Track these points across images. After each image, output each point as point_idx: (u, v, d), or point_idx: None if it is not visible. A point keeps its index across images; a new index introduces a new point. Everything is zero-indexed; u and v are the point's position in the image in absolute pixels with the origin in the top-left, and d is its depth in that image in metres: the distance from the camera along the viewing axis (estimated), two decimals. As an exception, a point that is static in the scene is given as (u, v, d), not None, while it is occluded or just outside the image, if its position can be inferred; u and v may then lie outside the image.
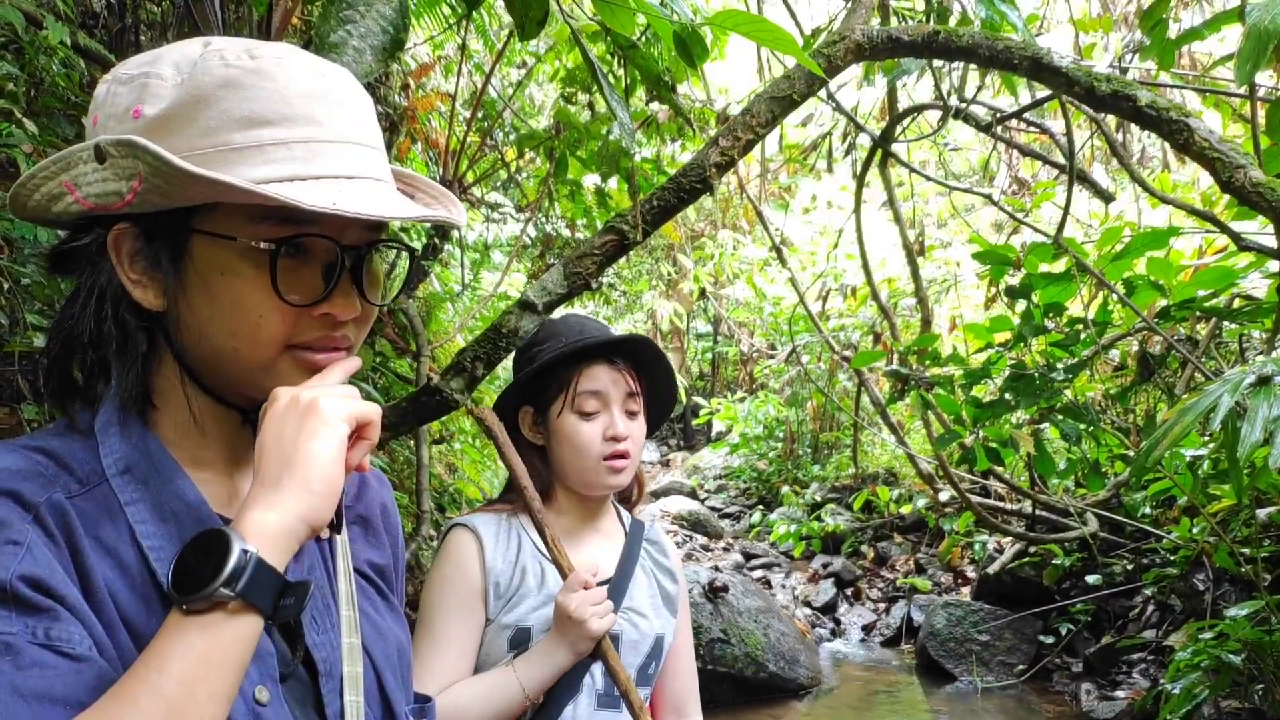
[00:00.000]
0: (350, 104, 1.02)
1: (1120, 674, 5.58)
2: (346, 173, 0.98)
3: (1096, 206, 7.42)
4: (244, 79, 0.96)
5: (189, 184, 0.91)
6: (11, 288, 2.92)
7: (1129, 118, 2.73)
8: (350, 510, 1.25)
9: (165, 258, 0.99)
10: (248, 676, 0.95)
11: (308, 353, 1.01)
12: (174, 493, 1.00)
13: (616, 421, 1.93)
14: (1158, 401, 6.00)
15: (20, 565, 0.85)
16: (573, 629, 1.75)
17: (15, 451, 0.96)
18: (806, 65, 1.84)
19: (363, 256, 1.02)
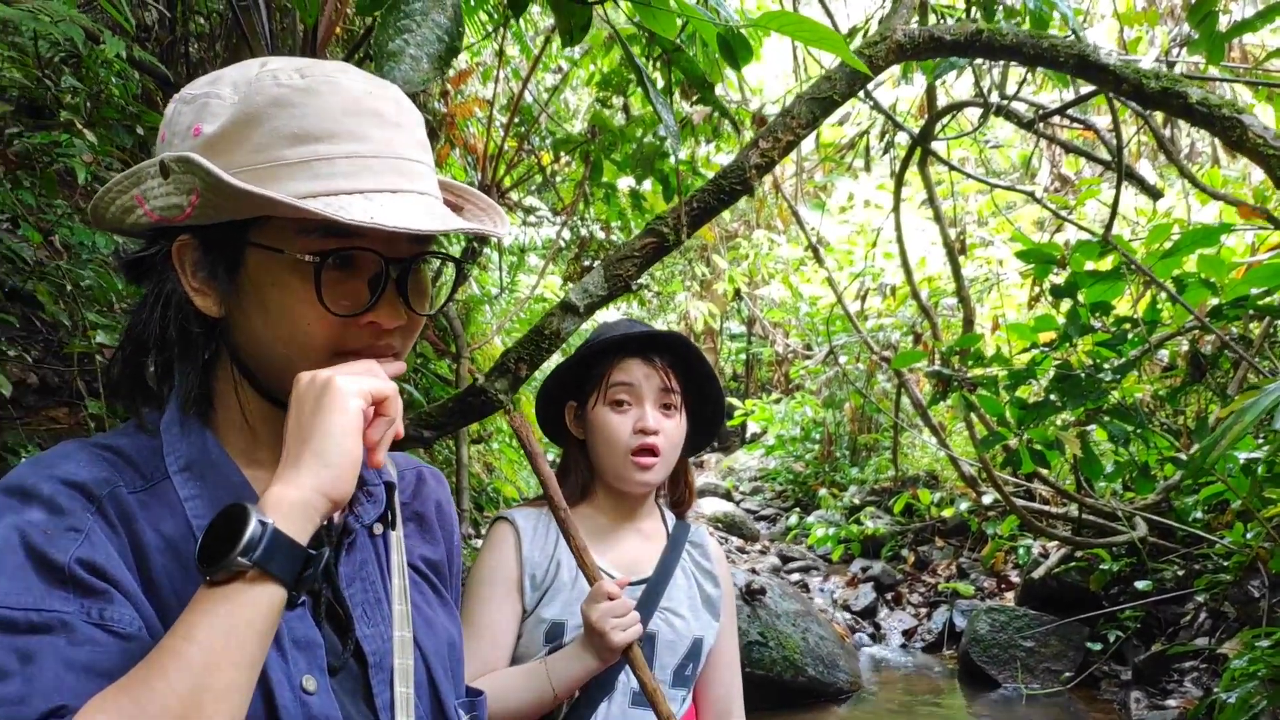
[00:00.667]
0: (398, 120, 1.05)
1: (1171, 682, 5.47)
2: (391, 187, 1.01)
3: (1143, 203, 7.31)
4: (294, 97, 1.00)
5: (238, 199, 0.95)
6: (72, 290, 2.98)
7: (1179, 115, 2.69)
8: (406, 507, 1.30)
9: (222, 268, 1.04)
10: (294, 665, 1.01)
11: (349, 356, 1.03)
12: (229, 488, 1.05)
13: (648, 415, 1.94)
14: (1209, 403, 5.89)
15: (79, 550, 0.91)
16: (596, 639, 1.75)
17: (85, 449, 1.03)
18: (853, 64, 1.81)
19: (408, 268, 1.04)
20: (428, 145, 1.10)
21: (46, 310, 3.12)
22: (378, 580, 1.16)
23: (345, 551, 1.13)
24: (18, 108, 3.68)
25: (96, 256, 3.21)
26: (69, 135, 3.10)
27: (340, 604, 1.10)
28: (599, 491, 2.02)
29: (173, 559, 0.99)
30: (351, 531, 1.14)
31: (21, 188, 3.13)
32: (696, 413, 2.07)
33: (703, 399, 2.08)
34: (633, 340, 1.97)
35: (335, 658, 1.07)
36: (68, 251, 3.18)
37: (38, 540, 0.91)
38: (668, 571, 2.00)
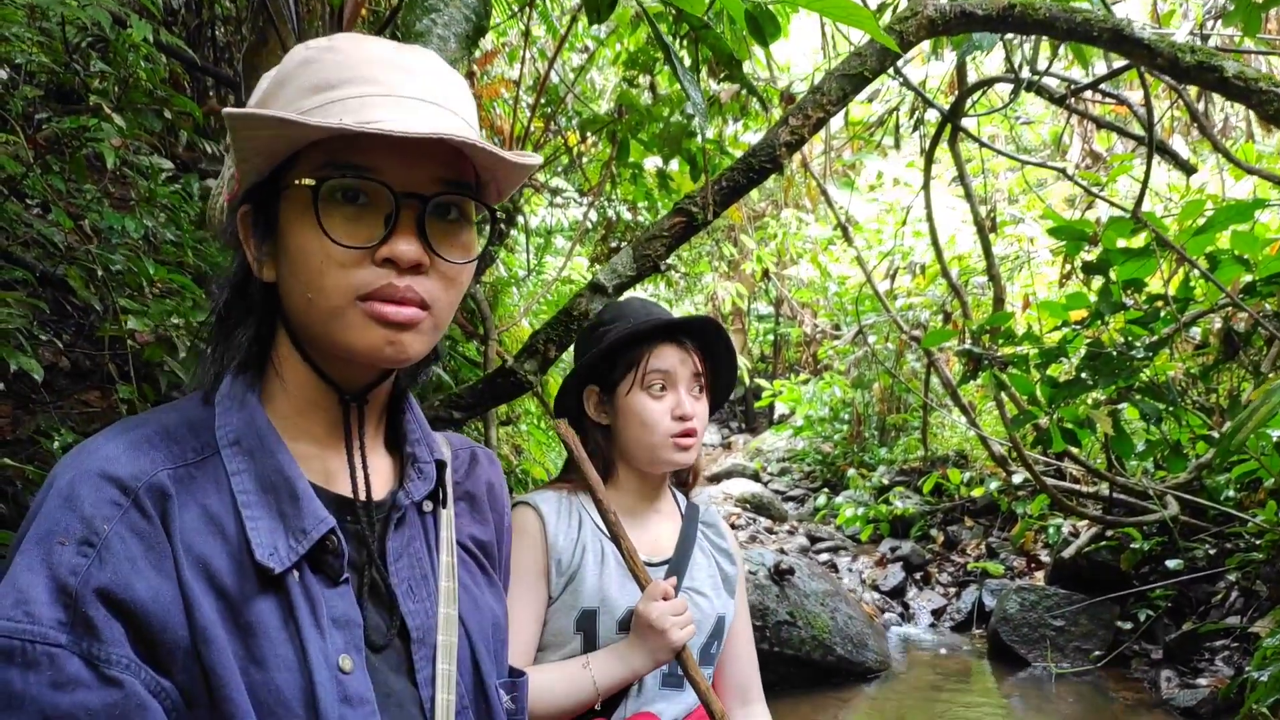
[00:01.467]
0: (419, 71, 1.05)
1: (1202, 661, 5.44)
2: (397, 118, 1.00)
3: (1176, 179, 7.22)
4: (318, 55, 1.04)
5: (242, 132, 0.99)
6: (103, 275, 3.00)
7: (1215, 89, 2.65)
8: (458, 486, 1.30)
9: (267, 227, 1.07)
10: (332, 644, 1.01)
11: (376, 303, 1.01)
12: (275, 466, 1.05)
13: (684, 400, 1.95)
14: (1242, 381, 5.83)
15: (89, 571, 0.91)
16: (654, 638, 1.74)
17: (140, 426, 1.04)
18: (882, 40, 1.80)
19: (426, 204, 1.02)
20: (459, 98, 1.08)
21: (78, 294, 3.14)
22: (425, 557, 1.16)
23: (394, 528, 1.13)
24: (46, 93, 3.71)
25: (126, 241, 3.23)
26: (97, 119, 3.11)
27: (385, 581, 1.11)
28: (621, 473, 2.03)
29: (214, 534, 1.00)
30: (401, 508, 1.14)
31: (51, 173, 3.16)
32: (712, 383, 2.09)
33: (716, 374, 2.09)
34: (668, 327, 1.98)
35: (379, 634, 1.08)
36: (97, 236, 3.20)
37: (56, 557, 0.91)
38: (687, 551, 2.02)
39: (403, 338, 1.03)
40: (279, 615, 0.99)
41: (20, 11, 2.99)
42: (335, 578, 1.05)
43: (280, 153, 1.02)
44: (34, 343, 2.95)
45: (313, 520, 1.03)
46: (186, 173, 3.97)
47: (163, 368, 3.16)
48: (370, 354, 1.03)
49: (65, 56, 3.18)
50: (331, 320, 1.02)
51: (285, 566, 1.00)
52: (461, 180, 1.06)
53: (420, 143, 0.99)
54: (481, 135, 1.05)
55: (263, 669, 0.97)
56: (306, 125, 0.96)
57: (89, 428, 3.24)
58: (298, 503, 1.03)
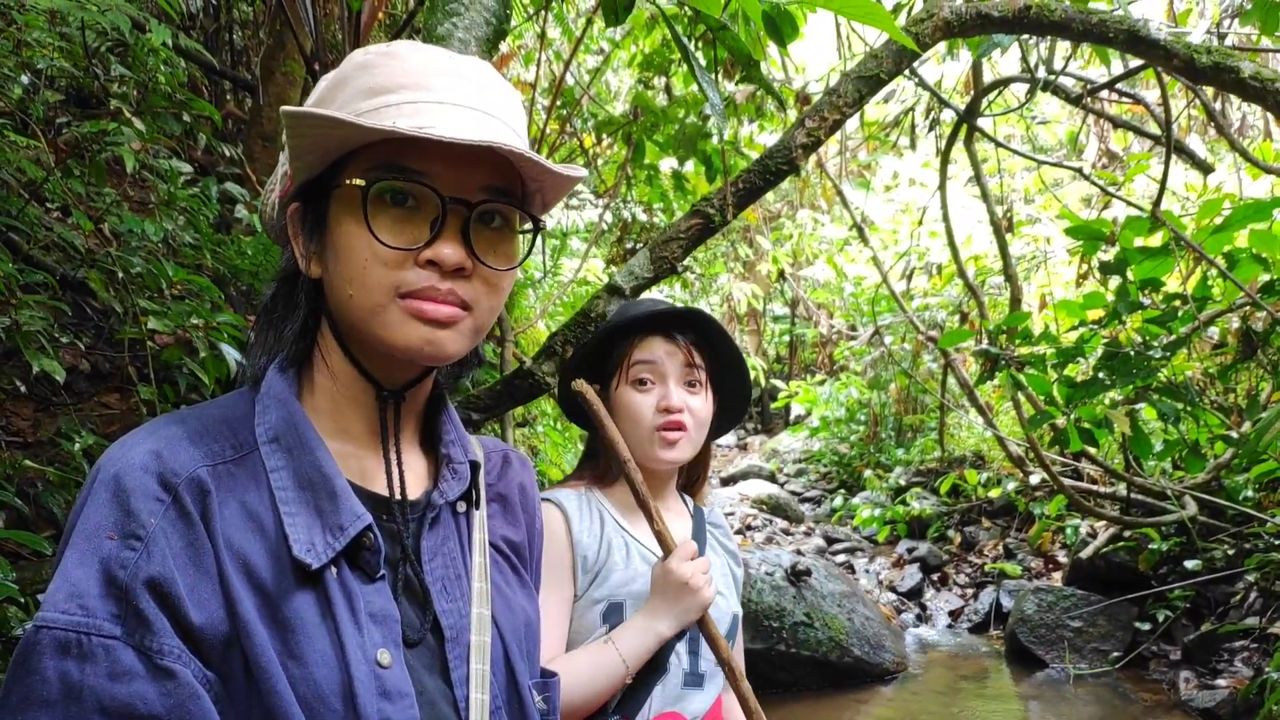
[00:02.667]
0: (474, 80, 1.07)
1: (1221, 662, 5.41)
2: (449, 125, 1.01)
3: (1193, 178, 7.18)
4: (375, 60, 1.06)
5: (297, 130, 1.01)
6: (123, 277, 3.02)
7: (1231, 90, 2.64)
8: (491, 488, 1.31)
9: (316, 224, 1.09)
10: (370, 639, 1.02)
11: (416, 301, 1.03)
12: (313, 463, 1.06)
13: (671, 393, 1.90)
14: (1260, 380, 5.80)
15: (139, 564, 0.92)
16: (688, 596, 1.73)
17: (181, 422, 1.05)
18: (900, 40, 1.81)
19: (472, 210, 1.04)
20: (511, 108, 1.10)
21: (98, 297, 3.17)
22: (459, 557, 1.17)
23: (428, 527, 1.15)
24: (66, 97, 3.74)
25: (146, 244, 3.25)
26: (117, 124, 3.14)
27: (420, 579, 1.12)
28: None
29: (253, 531, 1.01)
30: (435, 508, 1.15)
31: (72, 176, 3.18)
32: (724, 393, 2.04)
33: (727, 378, 2.04)
34: (654, 318, 1.94)
35: (413, 631, 1.09)
36: (117, 239, 3.22)
37: (106, 550, 0.92)
38: (701, 547, 1.98)
39: (441, 335, 1.04)
40: (317, 611, 1.00)
41: (41, 17, 3.01)
42: (372, 574, 1.06)
43: (332, 152, 1.04)
44: (55, 345, 2.97)
45: (350, 517, 1.04)
46: (205, 176, 4.00)
47: (182, 369, 3.18)
48: (408, 350, 1.04)
49: (85, 61, 3.20)
50: (372, 316, 1.04)
51: (323, 562, 1.01)
52: (508, 189, 1.08)
53: (469, 150, 1.01)
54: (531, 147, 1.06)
55: (301, 664, 0.97)
56: (360, 126, 0.98)
57: (109, 430, 3.26)
58: (335, 500, 1.04)
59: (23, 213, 3.12)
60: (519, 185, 1.11)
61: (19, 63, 3.09)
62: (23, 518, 2.78)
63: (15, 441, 3.07)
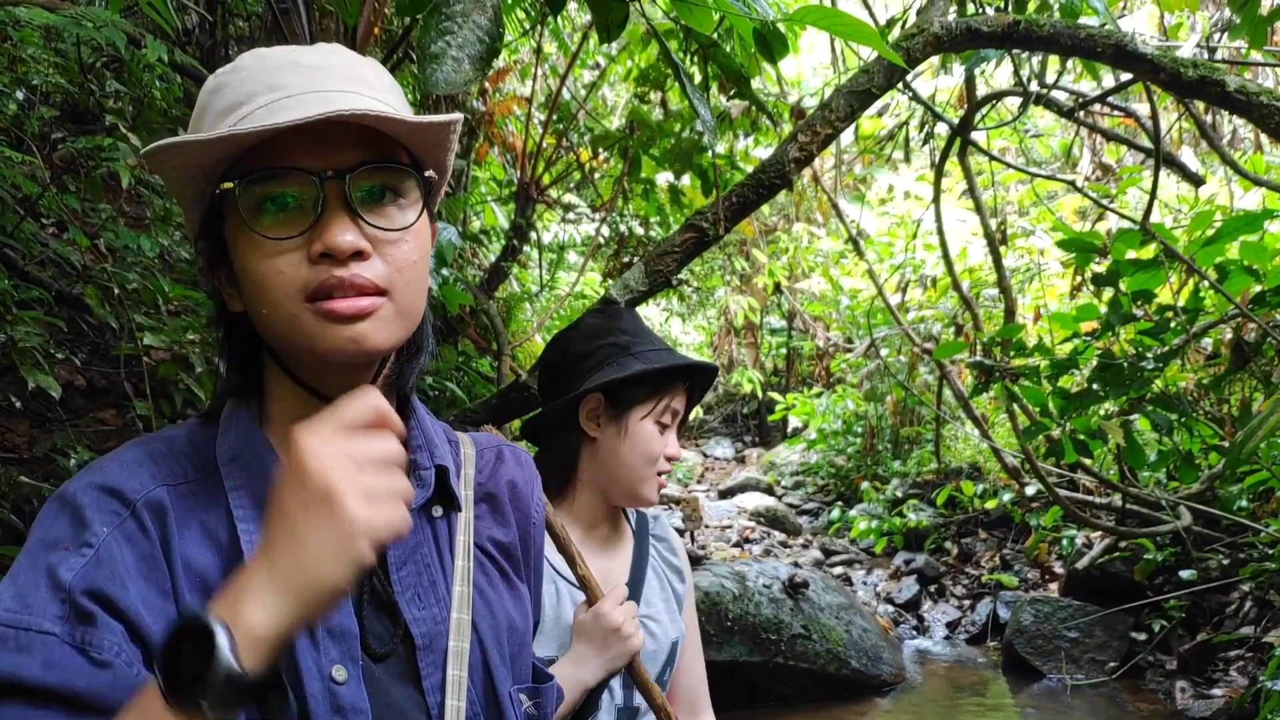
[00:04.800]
0: (325, 65, 1.03)
1: (1217, 672, 5.42)
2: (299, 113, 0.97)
3: (1185, 190, 7.22)
4: (225, 79, 1.04)
5: (159, 171, 1.02)
6: (119, 294, 3.02)
7: (1217, 103, 2.67)
8: (480, 488, 1.27)
9: (221, 259, 1.07)
10: (326, 654, 1.00)
11: (325, 302, 0.98)
12: (268, 480, 1.03)
13: (675, 442, 1.96)
14: (1253, 391, 5.82)
15: (84, 570, 0.92)
16: (616, 643, 1.71)
17: (145, 444, 1.06)
18: (889, 58, 1.83)
19: (346, 176, 0.99)
20: (369, 81, 1.06)
21: (94, 313, 3.17)
22: (434, 563, 1.15)
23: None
24: (61, 113, 3.75)
25: (141, 260, 3.26)
26: (113, 139, 3.14)
27: (386, 589, 1.10)
28: (583, 494, 1.97)
29: (212, 549, 1.01)
30: None
31: (68, 192, 3.19)
32: None
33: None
34: (690, 369, 1.96)
35: (380, 644, 1.07)
36: (112, 255, 3.23)
37: (55, 557, 0.93)
38: (641, 576, 1.97)
39: (362, 329, 1.00)
40: None
41: (36, 33, 3.03)
42: None
43: (200, 179, 1.02)
44: (51, 361, 2.98)
45: None
46: (201, 191, 4.00)
47: (177, 385, 3.19)
48: (334, 353, 1.00)
49: (80, 77, 3.21)
50: (289, 329, 1.01)
51: None
52: (387, 160, 1.03)
53: (331, 132, 0.98)
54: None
55: None
56: (201, 140, 0.96)
57: (104, 445, 3.27)
58: None
59: (18, 229, 3.13)
60: (403, 155, 1.06)
61: (14, 78, 3.10)
62: (18, 534, 2.78)
63: (10, 457, 3.08)
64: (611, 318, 2.04)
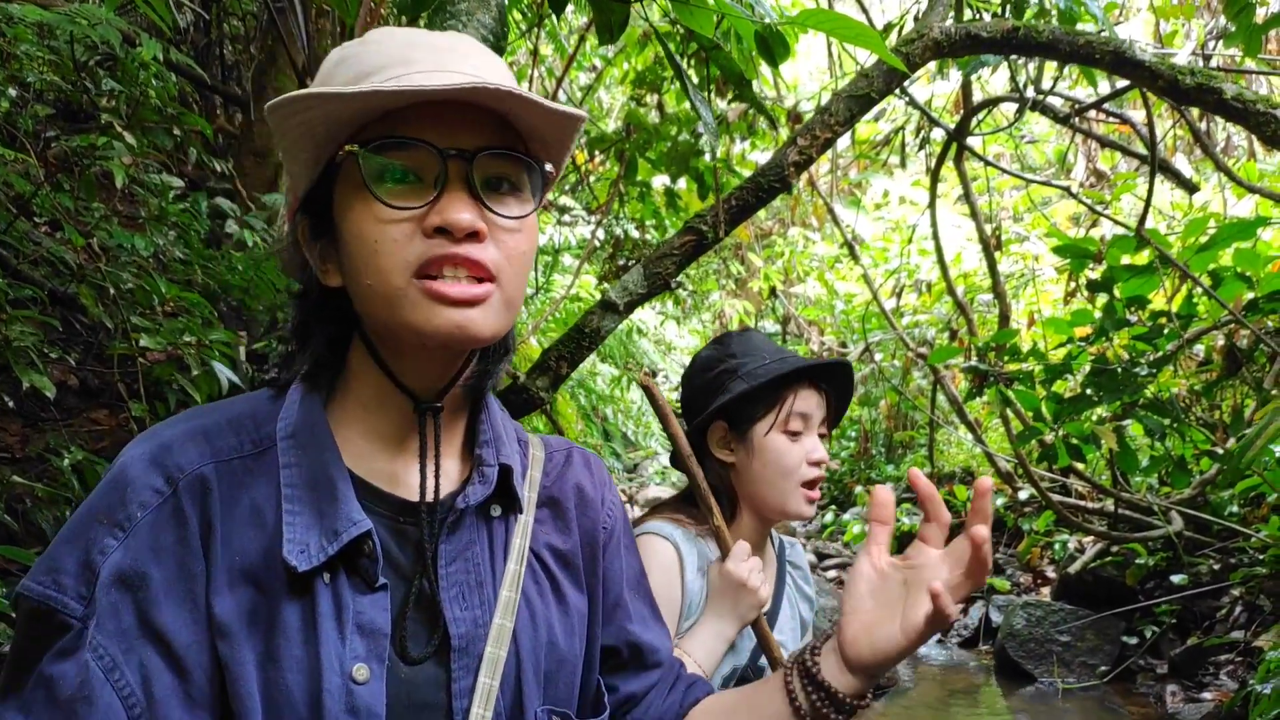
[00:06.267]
0: (457, 49, 1.04)
1: (1207, 676, 5.44)
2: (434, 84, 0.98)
3: (1179, 197, 7.24)
4: (353, 50, 1.04)
5: (282, 124, 0.99)
6: (114, 293, 3.00)
7: (1214, 111, 2.67)
8: (544, 491, 1.24)
9: (325, 231, 1.06)
10: (351, 651, 0.99)
11: (433, 282, 0.97)
12: (322, 464, 1.05)
13: (817, 445, 1.90)
14: (1245, 397, 5.84)
15: (115, 555, 0.95)
16: (746, 596, 1.73)
17: (205, 415, 1.07)
18: (890, 62, 1.83)
19: (472, 158, 0.99)
20: (495, 72, 1.05)
21: (88, 313, 3.15)
22: (484, 564, 1.12)
23: (448, 532, 1.10)
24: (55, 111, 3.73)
25: (136, 259, 3.24)
26: (107, 138, 3.13)
27: (433, 587, 1.08)
28: (744, 517, 1.95)
29: (256, 526, 1.01)
30: (456, 511, 1.10)
31: (61, 191, 3.17)
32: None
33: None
34: (812, 369, 1.92)
35: (418, 645, 1.05)
36: (106, 254, 3.21)
37: (93, 533, 0.96)
38: (778, 602, 1.98)
39: (470, 315, 0.99)
40: (300, 615, 0.99)
41: (30, 30, 3.01)
42: (371, 583, 1.03)
43: (324, 143, 1.01)
44: (44, 361, 2.96)
45: (345, 523, 1.02)
46: (195, 190, 4.00)
47: (172, 385, 3.18)
48: (438, 336, 0.99)
49: (75, 75, 3.20)
50: (394, 305, 0.99)
51: (312, 566, 0.99)
52: (509, 147, 1.03)
53: (460, 112, 0.98)
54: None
55: (276, 666, 0.97)
56: (340, 94, 0.95)
57: (98, 446, 3.25)
58: (335, 504, 1.02)
59: (11, 227, 3.11)
60: (522, 144, 1.05)
61: (7, 76, 3.08)
62: (11, 534, 2.77)
63: (4, 457, 3.06)
64: (722, 344, 2.04)
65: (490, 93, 0.95)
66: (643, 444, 12.15)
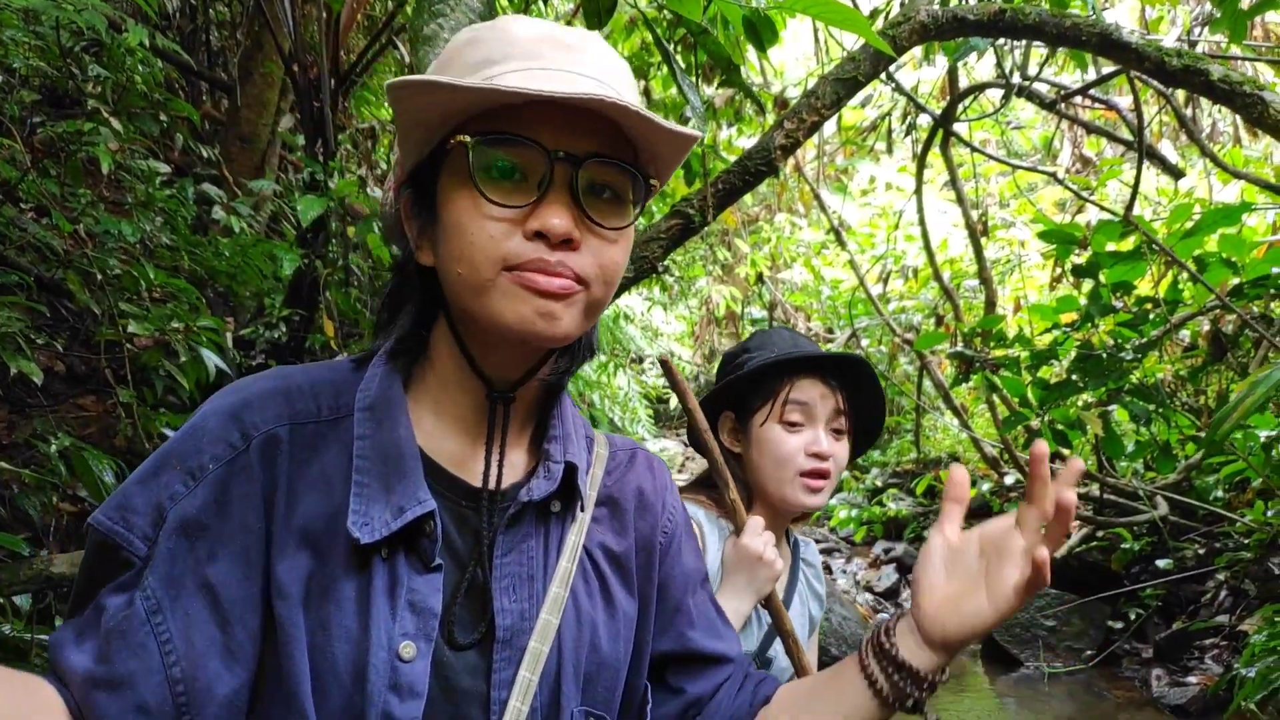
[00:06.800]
0: (582, 48, 1.03)
1: (1192, 659, 5.48)
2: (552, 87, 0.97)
3: (1165, 183, 7.27)
4: (483, 33, 1.04)
5: (400, 103, 0.99)
6: (102, 280, 2.99)
7: (1201, 92, 2.69)
8: (604, 489, 1.24)
9: (425, 210, 1.07)
10: (400, 627, 1.00)
11: (525, 273, 0.98)
12: (395, 439, 1.06)
13: (820, 438, 1.87)
14: (1230, 382, 5.88)
15: (184, 503, 0.99)
16: (762, 570, 1.73)
17: (288, 377, 1.09)
18: (877, 45, 1.83)
19: (579, 163, 0.99)
20: (619, 77, 1.05)
21: (75, 299, 3.15)
22: (538, 557, 1.12)
23: (507, 523, 1.10)
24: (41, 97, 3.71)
25: (122, 245, 3.23)
26: (94, 124, 3.12)
27: (486, 576, 1.08)
28: (756, 509, 1.93)
29: (323, 492, 1.03)
30: (518, 504, 1.11)
31: (48, 177, 3.16)
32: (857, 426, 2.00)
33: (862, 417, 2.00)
34: (815, 360, 1.91)
35: (465, 633, 1.06)
36: (92, 240, 3.20)
37: (165, 478, 1.00)
38: (789, 598, 1.98)
39: (555, 308, 0.99)
40: (355, 586, 1.00)
41: (15, 16, 2.99)
42: (427, 562, 1.04)
43: (436, 124, 1.01)
44: (31, 346, 2.95)
45: (412, 500, 1.03)
46: (182, 176, 3.98)
47: (159, 371, 3.17)
48: (520, 325, 0.99)
49: (60, 61, 3.18)
50: (482, 293, 1.00)
51: (374, 539, 1.00)
52: (618, 156, 1.02)
53: (575, 115, 0.97)
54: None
55: (326, 634, 0.98)
56: (457, 86, 0.95)
57: (85, 432, 3.25)
58: (404, 480, 1.04)
59: (-1, 213, 3.10)
60: (632, 154, 1.04)
61: (-7, 61, 3.07)
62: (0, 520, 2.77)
63: (-9, 443, 3.05)
64: (747, 340, 2.05)
65: (610, 105, 0.95)
66: (629, 430, 12.15)
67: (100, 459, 2.76)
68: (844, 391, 1.93)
